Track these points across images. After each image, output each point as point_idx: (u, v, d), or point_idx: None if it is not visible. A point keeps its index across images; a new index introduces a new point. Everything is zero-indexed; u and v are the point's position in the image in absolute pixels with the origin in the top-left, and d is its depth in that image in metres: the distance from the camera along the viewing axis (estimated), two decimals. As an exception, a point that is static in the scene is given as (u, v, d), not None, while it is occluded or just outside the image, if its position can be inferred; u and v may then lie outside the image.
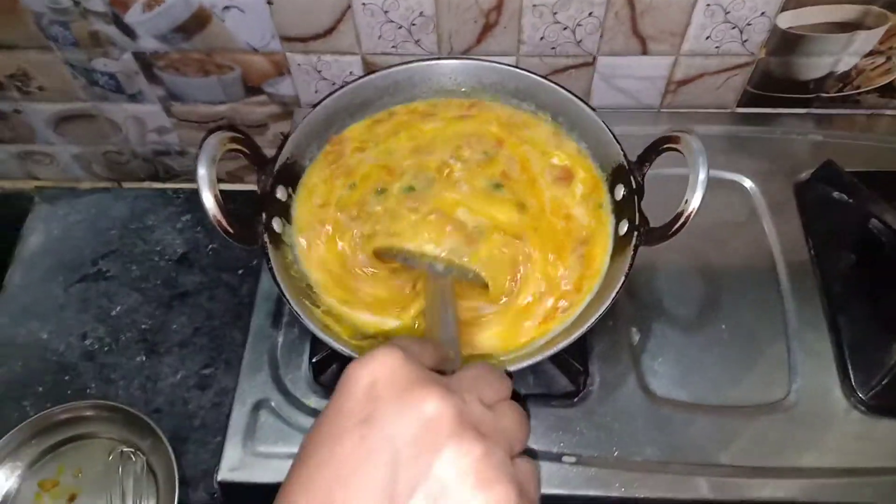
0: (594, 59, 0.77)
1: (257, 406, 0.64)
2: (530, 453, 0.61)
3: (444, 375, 0.35)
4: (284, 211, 0.62)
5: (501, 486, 0.30)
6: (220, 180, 0.53)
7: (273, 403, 0.64)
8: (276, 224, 0.60)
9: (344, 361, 0.66)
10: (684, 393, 0.64)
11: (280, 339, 0.68)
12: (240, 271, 0.86)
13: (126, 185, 0.96)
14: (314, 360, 0.65)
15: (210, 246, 0.88)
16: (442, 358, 0.38)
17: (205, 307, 0.84)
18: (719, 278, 0.71)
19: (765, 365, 0.66)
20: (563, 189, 0.64)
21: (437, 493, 0.29)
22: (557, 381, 0.65)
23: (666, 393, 0.64)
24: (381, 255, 0.62)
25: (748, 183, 0.76)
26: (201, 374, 0.80)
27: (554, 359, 0.57)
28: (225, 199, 0.53)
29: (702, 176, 0.53)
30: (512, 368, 0.53)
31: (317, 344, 0.66)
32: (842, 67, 0.78)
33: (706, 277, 0.71)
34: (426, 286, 0.58)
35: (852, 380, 0.64)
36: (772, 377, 0.65)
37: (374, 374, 0.31)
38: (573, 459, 0.61)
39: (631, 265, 0.56)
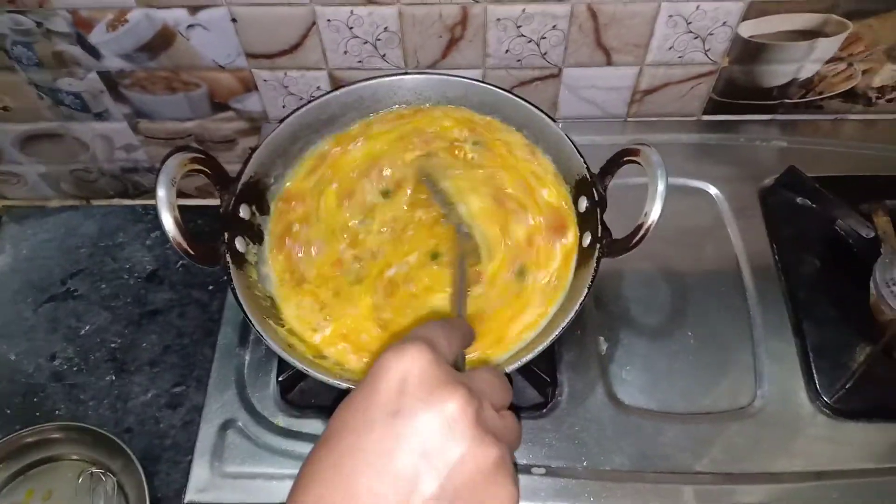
0: (560, 70, 0.77)
1: (225, 426, 0.63)
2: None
3: (461, 371, 0.38)
4: (248, 230, 0.62)
5: (512, 487, 0.34)
6: (188, 196, 0.53)
7: (240, 423, 0.64)
8: (239, 243, 0.60)
9: (310, 380, 0.66)
10: (653, 401, 0.65)
11: (247, 358, 0.67)
12: (210, 287, 0.86)
13: (95, 202, 0.96)
14: (281, 379, 0.65)
15: (180, 262, 0.87)
16: (464, 337, 0.41)
17: (175, 325, 0.83)
18: (686, 285, 0.71)
19: (731, 371, 0.66)
20: (550, 245, 0.63)
21: (456, 485, 0.32)
22: (526, 393, 0.65)
23: (634, 402, 0.65)
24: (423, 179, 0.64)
25: (713, 190, 0.77)
26: (172, 393, 0.79)
27: (522, 370, 0.57)
28: (194, 214, 0.53)
29: (660, 188, 0.53)
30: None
31: (283, 362, 0.65)
32: (804, 74, 0.79)
33: (673, 284, 0.72)
34: (454, 248, 0.60)
35: (817, 384, 0.65)
36: (738, 383, 0.65)
37: (405, 370, 0.34)
38: (542, 471, 0.61)
39: (594, 277, 0.56)
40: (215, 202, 0.61)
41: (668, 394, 0.65)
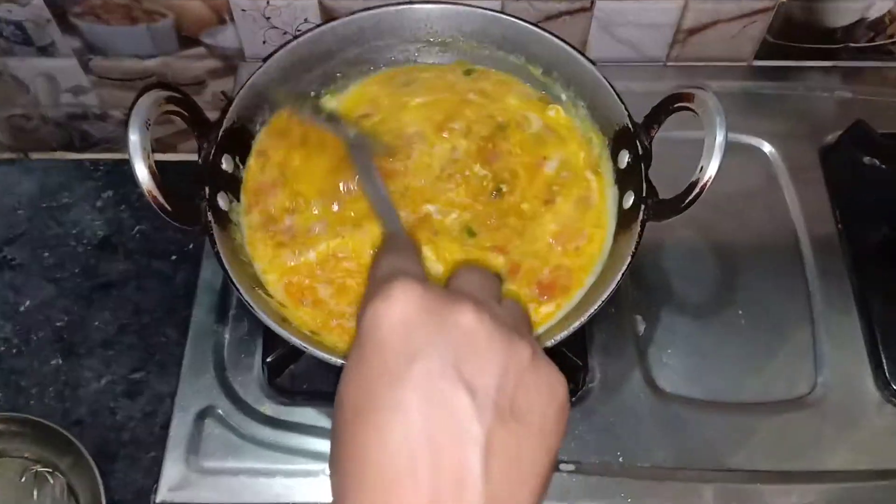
0: (592, 2, 0.78)
1: (202, 414, 0.64)
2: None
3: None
4: (231, 184, 0.62)
5: (556, 372, 0.36)
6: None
7: (220, 411, 0.64)
8: (222, 200, 0.60)
9: (302, 362, 0.67)
10: (697, 389, 0.66)
11: (227, 337, 0.68)
12: (173, 257, 0.86)
13: (35, 155, 0.95)
14: (268, 360, 0.65)
15: (137, 227, 0.87)
16: (416, 249, 0.44)
17: (132, 300, 0.83)
18: (735, 257, 0.73)
19: (787, 355, 0.68)
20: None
21: (510, 396, 0.33)
22: (553, 379, 0.66)
23: (676, 389, 0.66)
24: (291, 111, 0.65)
25: (767, 147, 0.78)
26: (130, 380, 0.79)
27: (548, 353, 0.58)
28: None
29: (719, 139, 0.54)
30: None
31: (271, 341, 0.66)
32: (874, 13, 0.80)
33: (720, 256, 0.73)
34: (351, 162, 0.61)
35: (886, 370, 0.66)
36: (795, 369, 0.67)
37: (403, 310, 0.34)
38: (572, 467, 0.62)
39: (638, 244, 0.57)
40: (181, 157, 0.61)
41: (715, 380, 0.66)
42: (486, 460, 0.32)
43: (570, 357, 0.65)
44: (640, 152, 0.60)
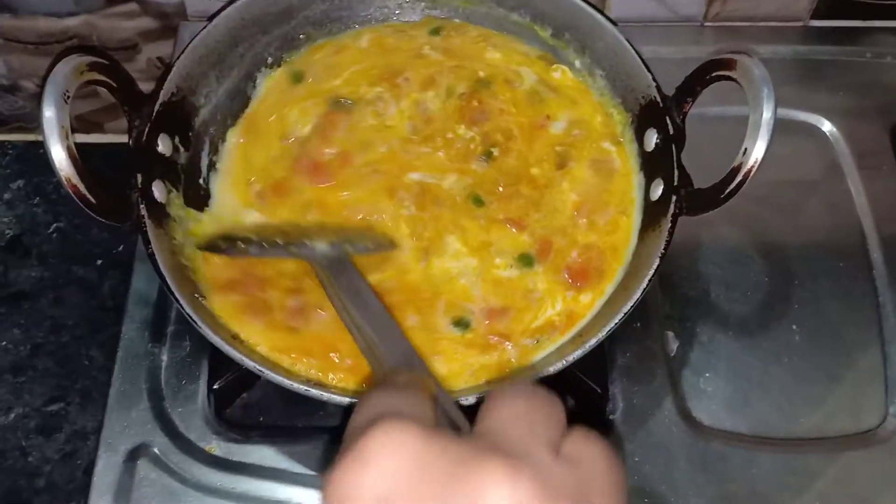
0: (611, -52, 0.78)
1: (133, 454, 0.64)
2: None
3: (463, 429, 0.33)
4: (169, 170, 0.62)
5: None
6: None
7: (156, 449, 0.64)
8: (158, 190, 0.60)
9: (258, 389, 0.67)
10: (742, 422, 0.66)
11: (164, 359, 0.68)
12: (98, 262, 0.85)
13: (-73, 137, 0.95)
14: (216, 387, 0.65)
15: (55, 225, 0.87)
16: (427, 387, 0.37)
17: (48, 314, 0.83)
18: (787, 261, 0.73)
19: (852, 380, 0.68)
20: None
21: None
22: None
23: (717, 422, 0.66)
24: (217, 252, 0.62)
25: (827, 126, 0.78)
26: (45, 412, 0.79)
27: (561, 377, 0.58)
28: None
29: (766, 115, 0.54)
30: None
31: (218, 364, 0.66)
32: (956, -38, 0.80)
33: (769, 260, 0.73)
34: (323, 286, 0.58)
35: (972, 398, 0.67)
36: (862, 397, 0.67)
37: (384, 479, 0.28)
38: (589, 518, 0.62)
39: (668, 243, 0.57)
40: (108, 138, 0.60)
41: (764, 411, 0.67)
42: None
43: (587, 381, 0.65)
44: (671, 132, 0.61)
